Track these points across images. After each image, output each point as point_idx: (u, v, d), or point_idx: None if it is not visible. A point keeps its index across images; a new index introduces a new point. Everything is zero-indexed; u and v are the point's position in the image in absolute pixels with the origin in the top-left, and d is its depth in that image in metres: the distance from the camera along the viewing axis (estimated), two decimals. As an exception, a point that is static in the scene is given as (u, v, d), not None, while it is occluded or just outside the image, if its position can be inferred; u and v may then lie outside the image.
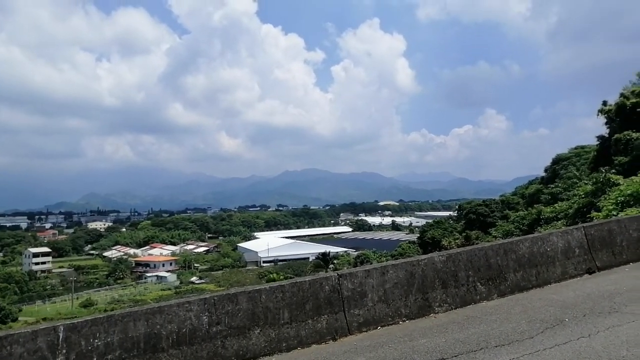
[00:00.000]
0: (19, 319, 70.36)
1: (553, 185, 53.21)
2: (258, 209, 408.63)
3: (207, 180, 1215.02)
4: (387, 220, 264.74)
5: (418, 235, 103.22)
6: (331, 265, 44.44)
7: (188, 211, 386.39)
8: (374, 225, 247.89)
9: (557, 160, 66.86)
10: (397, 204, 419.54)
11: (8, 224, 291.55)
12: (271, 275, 47.28)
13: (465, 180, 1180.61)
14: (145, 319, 5.02)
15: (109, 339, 4.81)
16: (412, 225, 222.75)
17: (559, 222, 31.22)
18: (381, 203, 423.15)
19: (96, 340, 4.76)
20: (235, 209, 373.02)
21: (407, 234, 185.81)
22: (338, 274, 6.13)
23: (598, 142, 41.55)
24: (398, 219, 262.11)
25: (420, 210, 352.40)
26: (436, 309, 6.49)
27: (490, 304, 6.74)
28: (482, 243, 9.18)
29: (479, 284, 6.94)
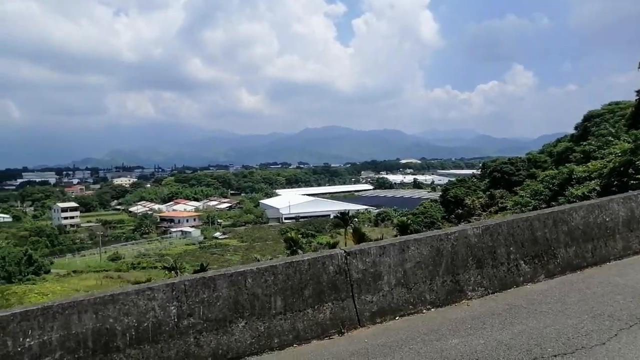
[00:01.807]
0: (51, 271, 72.57)
1: (585, 143, 50.39)
2: (279, 166, 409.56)
3: (228, 137, 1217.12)
4: (409, 178, 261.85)
5: (440, 193, 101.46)
6: (350, 224, 43.58)
7: (210, 168, 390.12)
8: (395, 183, 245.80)
9: (589, 117, 63.30)
10: (419, 161, 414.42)
11: (37, 179, 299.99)
12: (289, 234, 46.74)
13: (489, 138, 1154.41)
14: (93, 311, 3.90)
15: (45, 337, 3.72)
16: (434, 183, 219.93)
17: (592, 182, 29.32)
18: (403, 161, 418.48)
19: (28, 339, 3.68)
20: (257, 166, 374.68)
21: (429, 192, 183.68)
22: (345, 251, 4.88)
23: (638, 97, 38.56)
24: (420, 177, 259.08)
25: (443, 168, 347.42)
26: (469, 293, 5.23)
27: (537, 287, 5.43)
28: (525, 213, 7.77)
29: (522, 262, 5.62)
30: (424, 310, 4.95)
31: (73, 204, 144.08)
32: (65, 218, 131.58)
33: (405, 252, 5.05)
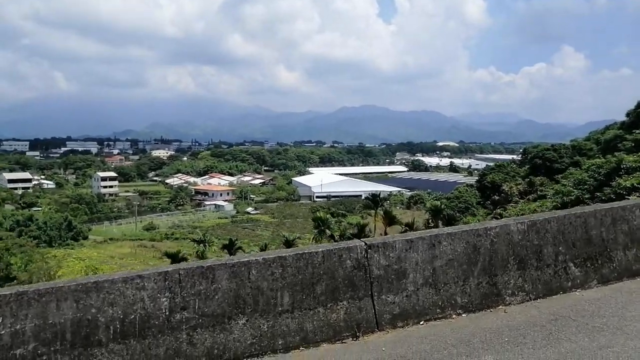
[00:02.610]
0: (89, 237, 75.21)
1: (638, 131, 47.41)
2: (313, 144, 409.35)
3: (264, 114, 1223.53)
4: (445, 162, 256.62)
5: (477, 178, 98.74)
6: (381, 206, 42.85)
7: (246, 143, 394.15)
8: (430, 166, 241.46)
9: (644, 104, 59.49)
10: (457, 144, 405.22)
11: (80, 149, 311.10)
12: (318, 214, 46.32)
13: (533, 123, 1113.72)
14: (74, 300, 3.45)
15: (17, 326, 3.30)
16: (471, 167, 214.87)
17: (644, 173, 27.49)
18: (440, 143, 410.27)
19: (-2, 328, 3.27)
20: (291, 144, 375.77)
21: (465, 176, 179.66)
22: (366, 244, 4.26)
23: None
24: (457, 161, 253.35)
25: (481, 153, 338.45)
26: (507, 298, 4.53)
27: (588, 295, 4.67)
28: (579, 207, 6.91)
29: (571, 264, 4.86)
30: (454, 316, 4.31)
31: (112, 174, 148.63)
32: (105, 187, 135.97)
33: (436, 248, 4.39)
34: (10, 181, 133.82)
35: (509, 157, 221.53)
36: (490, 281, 4.51)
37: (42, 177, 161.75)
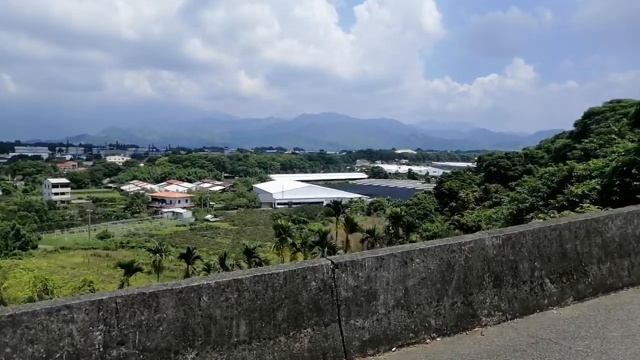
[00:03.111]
0: (39, 246, 71.53)
1: (587, 140, 49.57)
2: (275, 151, 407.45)
3: (225, 119, 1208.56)
4: (404, 169, 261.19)
5: (435, 185, 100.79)
6: (343, 213, 42.65)
7: (205, 149, 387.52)
8: (390, 173, 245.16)
9: (589, 114, 62.43)
10: (415, 152, 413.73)
11: (30, 154, 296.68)
12: (279, 221, 45.58)
13: (486, 131, 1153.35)
14: (-18, 338, 2.85)
15: None
16: (429, 175, 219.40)
17: (593, 180, 28.62)
18: (398, 151, 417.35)
19: None
20: (252, 150, 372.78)
21: (423, 183, 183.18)
22: (333, 262, 3.84)
23: (644, 95, 37.63)
24: (415, 168, 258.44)
25: (438, 160, 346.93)
26: (484, 319, 4.22)
27: (566, 313, 4.43)
28: (553, 219, 6.76)
29: (547, 280, 4.61)
30: (428, 340, 3.95)
31: (64, 180, 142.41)
32: (56, 194, 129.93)
33: (409, 266, 4.03)
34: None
35: (465, 164, 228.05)
36: (465, 301, 4.19)
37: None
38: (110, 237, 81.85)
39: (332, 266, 3.81)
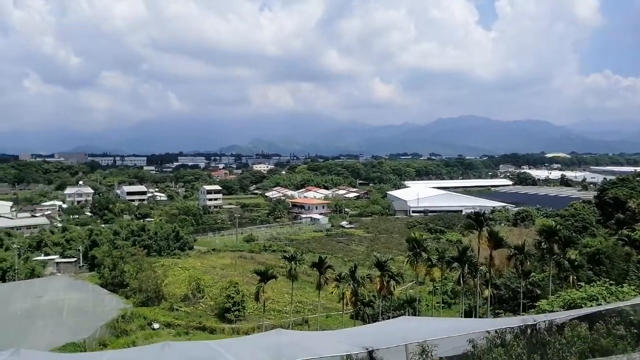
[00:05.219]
0: (195, 247, 79.32)
1: None
2: (409, 157, 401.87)
3: (360, 128, 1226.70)
4: (556, 175, 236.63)
5: (595, 193, 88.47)
6: (486, 226, 38.91)
7: (341, 157, 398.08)
8: (538, 179, 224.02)
9: None
10: (569, 156, 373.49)
11: (190, 163, 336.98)
12: (412, 234, 43.19)
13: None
14: None
15: None
16: (587, 181, 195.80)
17: None
18: (549, 155, 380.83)
19: None
20: (386, 157, 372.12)
21: (579, 191, 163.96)
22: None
23: None
24: (569, 174, 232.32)
25: (597, 165, 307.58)
26: None
27: None
28: None
29: None
30: None
31: (217, 187, 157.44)
32: (210, 199, 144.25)
33: None
34: (129, 193, 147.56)
35: (631, 169, 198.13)
36: None
37: (156, 189, 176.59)
38: (255, 241, 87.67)
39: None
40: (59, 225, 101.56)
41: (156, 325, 44.16)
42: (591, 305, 18.68)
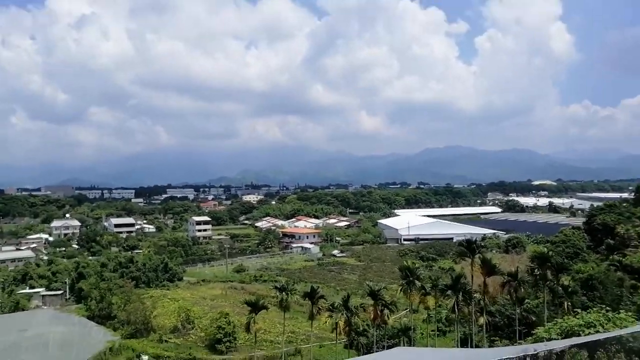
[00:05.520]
0: (184, 278, 78.04)
1: None
2: (398, 186, 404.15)
3: (348, 158, 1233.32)
4: (543, 201, 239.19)
5: (584, 219, 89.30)
6: (479, 253, 38.89)
7: (331, 187, 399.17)
8: (527, 206, 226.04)
9: None
10: (555, 183, 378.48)
11: (179, 195, 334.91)
12: (405, 262, 42.87)
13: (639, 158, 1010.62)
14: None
15: None
16: (574, 207, 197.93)
17: None
18: (535, 182, 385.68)
19: None
20: (376, 186, 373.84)
21: (567, 217, 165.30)
22: None
23: None
24: (556, 200, 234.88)
25: (584, 191, 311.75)
26: None
27: None
28: None
29: None
30: None
31: (206, 218, 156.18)
32: (199, 230, 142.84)
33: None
34: (117, 225, 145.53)
35: (617, 195, 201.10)
36: None
37: (145, 221, 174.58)
38: (245, 271, 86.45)
39: None
40: (45, 258, 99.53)
41: (145, 357, 42.97)
42: (589, 333, 18.71)
